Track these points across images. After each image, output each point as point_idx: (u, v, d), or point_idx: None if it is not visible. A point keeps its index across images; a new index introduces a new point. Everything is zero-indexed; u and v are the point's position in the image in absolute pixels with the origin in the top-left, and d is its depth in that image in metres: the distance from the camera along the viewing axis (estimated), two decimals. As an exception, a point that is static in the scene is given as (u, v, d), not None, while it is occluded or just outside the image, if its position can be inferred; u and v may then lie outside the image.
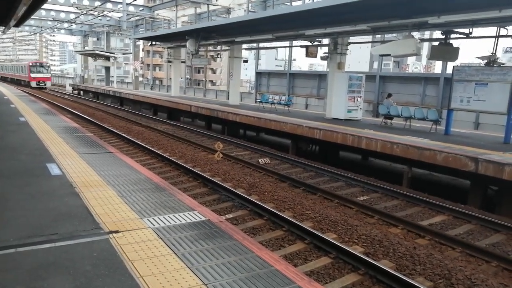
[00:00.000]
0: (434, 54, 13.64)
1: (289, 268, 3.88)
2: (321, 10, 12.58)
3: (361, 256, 5.89)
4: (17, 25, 20.83)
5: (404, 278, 5.30)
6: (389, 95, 17.89)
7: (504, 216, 8.45)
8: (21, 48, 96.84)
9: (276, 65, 78.38)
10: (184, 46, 24.77)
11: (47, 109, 19.04)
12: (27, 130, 11.53)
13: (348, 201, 9.08)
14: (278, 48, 43.80)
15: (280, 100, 22.46)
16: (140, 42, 47.24)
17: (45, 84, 50.42)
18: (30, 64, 51.22)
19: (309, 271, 5.77)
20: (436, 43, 13.73)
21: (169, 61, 31.24)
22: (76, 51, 61.34)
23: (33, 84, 49.32)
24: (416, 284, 5.14)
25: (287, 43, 25.20)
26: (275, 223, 7.44)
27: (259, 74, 29.57)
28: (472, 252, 6.70)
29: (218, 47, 25.97)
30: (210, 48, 28.33)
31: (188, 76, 60.28)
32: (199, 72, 71.47)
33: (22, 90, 38.13)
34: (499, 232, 7.66)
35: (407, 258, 6.23)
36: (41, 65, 52.41)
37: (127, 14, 33.97)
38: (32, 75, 50.13)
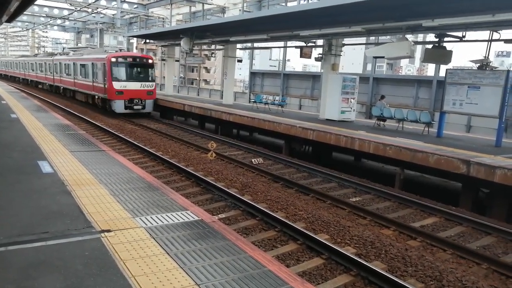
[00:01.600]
0: (428, 57, 13.73)
1: (282, 269, 3.88)
2: (315, 11, 12.59)
3: (353, 257, 5.91)
4: (9, 20, 20.58)
5: (395, 279, 5.32)
6: (382, 97, 17.97)
7: (495, 219, 8.53)
8: (13, 44, 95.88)
9: (270, 65, 78.42)
10: (178, 44, 24.66)
11: (39, 106, 18.87)
12: (19, 127, 11.42)
13: (340, 202, 9.10)
14: (273, 49, 43.78)
15: (274, 100, 22.46)
16: (134, 40, 47.09)
17: (144, 107, 23.01)
18: (113, 59, 22.14)
19: (301, 271, 5.77)
20: (430, 46, 13.82)
21: (163, 60, 31.12)
22: (69, 48, 58.17)
23: (118, 106, 22.22)
24: (407, 286, 5.16)
25: (281, 44, 25.21)
26: (268, 223, 7.44)
27: (253, 74, 29.55)
28: (463, 254, 6.74)
29: (213, 46, 25.90)
30: (205, 47, 28.25)
31: (181, 75, 60.11)
32: (193, 71, 71.24)
33: (14, 86, 37.75)
34: (490, 235, 7.73)
35: (399, 259, 6.26)
36: (138, 63, 23.27)
37: (121, 12, 33.78)
38: (117, 84, 22.01)
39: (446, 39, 13.45)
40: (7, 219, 4.66)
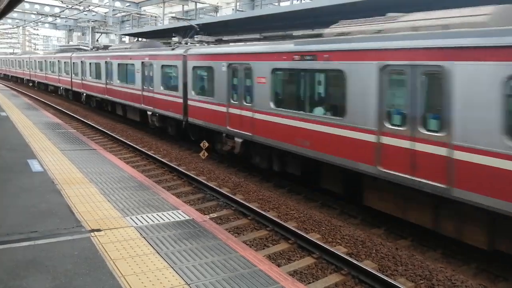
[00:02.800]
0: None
1: (273, 268, 3.88)
2: (308, 11, 12.65)
3: (344, 257, 5.93)
4: (-1, 17, 20.43)
5: (386, 278, 5.35)
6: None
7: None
8: (3, 42, 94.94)
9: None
10: (170, 43, 24.59)
11: (29, 104, 18.70)
12: (8, 125, 11.31)
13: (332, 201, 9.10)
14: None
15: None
16: (126, 38, 46.90)
17: None
18: None
19: (292, 271, 5.78)
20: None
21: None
22: (60, 46, 56.76)
23: None
24: (397, 285, 5.19)
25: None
26: (260, 222, 7.44)
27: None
28: (453, 253, 6.79)
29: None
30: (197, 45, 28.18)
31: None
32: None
33: (4, 84, 37.36)
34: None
35: (389, 258, 6.29)
36: None
37: (113, 10, 33.61)
38: None
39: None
40: (-5, 218, 4.61)
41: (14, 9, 24.04)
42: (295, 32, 16.96)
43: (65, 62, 26.81)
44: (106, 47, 23.32)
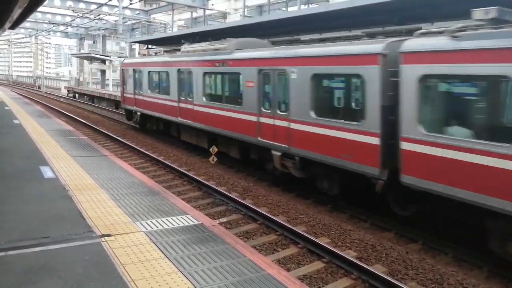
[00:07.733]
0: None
1: (281, 273, 3.90)
2: (316, 16, 12.66)
3: (354, 261, 5.91)
4: (12, 27, 20.77)
5: (396, 282, 5.32)
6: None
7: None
8: (16, 51, 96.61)
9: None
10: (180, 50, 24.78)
11: (42, 111, 18.99)
12: (21, 133, 11.50)
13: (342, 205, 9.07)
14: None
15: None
16: (136, 46, 47.41)
17: None
18: None
19: (302, 275, 5.77)
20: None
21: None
22: (71, 54, 57.17)
23: None
24: (408, 289, 5.16)
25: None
26: (269, 227, 7.44)
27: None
28: (464, 257, 6.71)
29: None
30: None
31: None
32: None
33: (17, 93, 37.99)
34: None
35: (400, 262, 6.25)
36: None
37: (123, 18, 34.03)
38: None
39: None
40: (8, 224, 4.70)
41: (27, 19, 24.46)
42: (303, 37, 17.00)
43: None
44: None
